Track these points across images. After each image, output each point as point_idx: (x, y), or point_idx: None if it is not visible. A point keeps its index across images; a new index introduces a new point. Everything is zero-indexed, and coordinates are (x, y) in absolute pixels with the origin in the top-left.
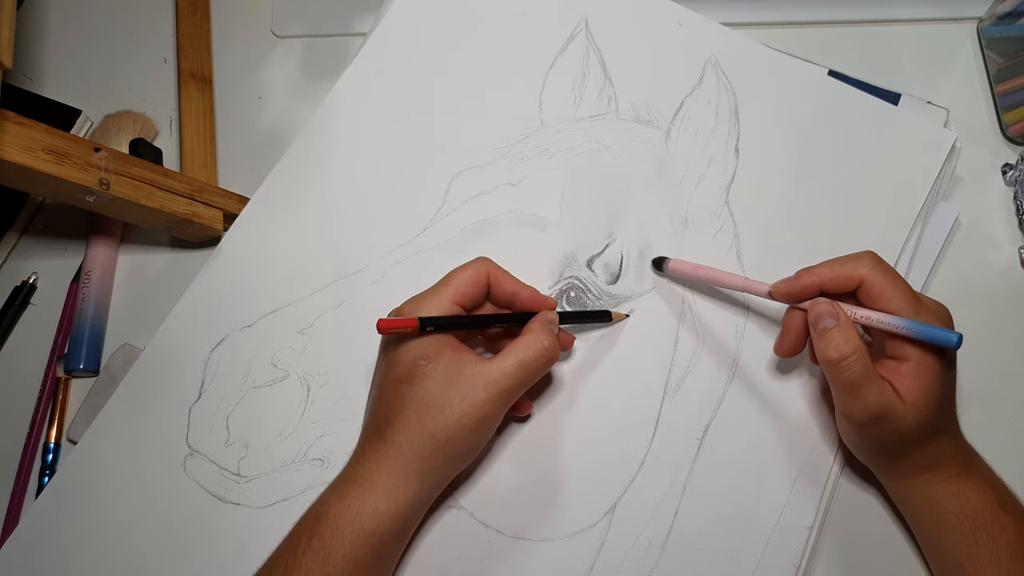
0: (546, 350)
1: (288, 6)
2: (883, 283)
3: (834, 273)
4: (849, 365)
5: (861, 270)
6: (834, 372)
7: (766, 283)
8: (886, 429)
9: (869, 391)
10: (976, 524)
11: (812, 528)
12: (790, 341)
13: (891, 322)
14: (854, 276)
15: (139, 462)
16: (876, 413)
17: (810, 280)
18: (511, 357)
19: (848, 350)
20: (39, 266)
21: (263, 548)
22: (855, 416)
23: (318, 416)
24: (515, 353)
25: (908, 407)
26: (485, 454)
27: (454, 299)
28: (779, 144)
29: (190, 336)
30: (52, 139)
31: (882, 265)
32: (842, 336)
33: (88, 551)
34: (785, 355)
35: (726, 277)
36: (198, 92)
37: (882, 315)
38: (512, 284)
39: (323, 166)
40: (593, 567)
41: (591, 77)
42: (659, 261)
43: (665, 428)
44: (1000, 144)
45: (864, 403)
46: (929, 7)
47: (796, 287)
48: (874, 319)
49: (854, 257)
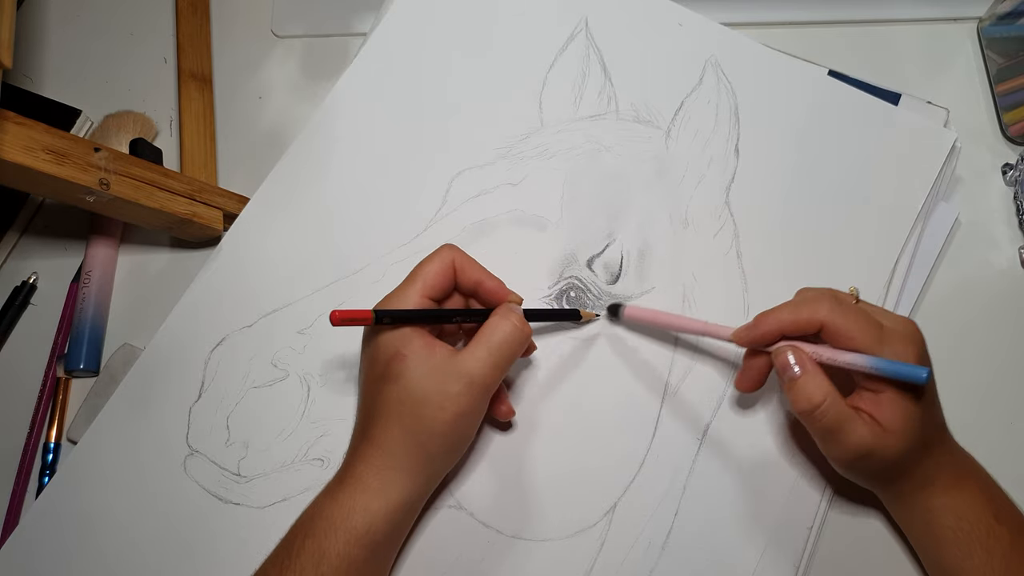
0: (515, 329)
1: (288, 6)
2: (844, 322)
3: (794, 318)
4: (824, 412)
5: (820, 314)
6: (809, 421)
7: (728, 327)
8: (874, 461)
9: (848, 433)
10: (971, 537)
11: (812, 528)
12: (750, 379)
13: (857, 362)
14: (814, 320)
15: (139, 462)
16: (859, 452)
17: (769, 328)
18: (480, 344)
19: (819, 398)
20: (39, 266)
21: (263, 548)
22: (839, 458)
23: (318, 416)
24: (483, 339)
25: (890, 436)
26: (485, 454)
27: (423, 293)
28: (779, 144)
29: (190, 336)
30: (52, 139)
31: (840, 304)
32: (811, 383)
33: (88, 551)
34: (746, 391)
35: (686, 322)
36: (198, 92)
37: (849, 355)
38: (477, 272)
39: (323, 166)
40: (593, 567)
41: (591, 77)
42: (615, 308)
43: (665, 428)
44: (1000, 144)
45: (845, 445)
46: (929, 7)
47: (756, 334)
48: (839, 360)
49: (813, 298)
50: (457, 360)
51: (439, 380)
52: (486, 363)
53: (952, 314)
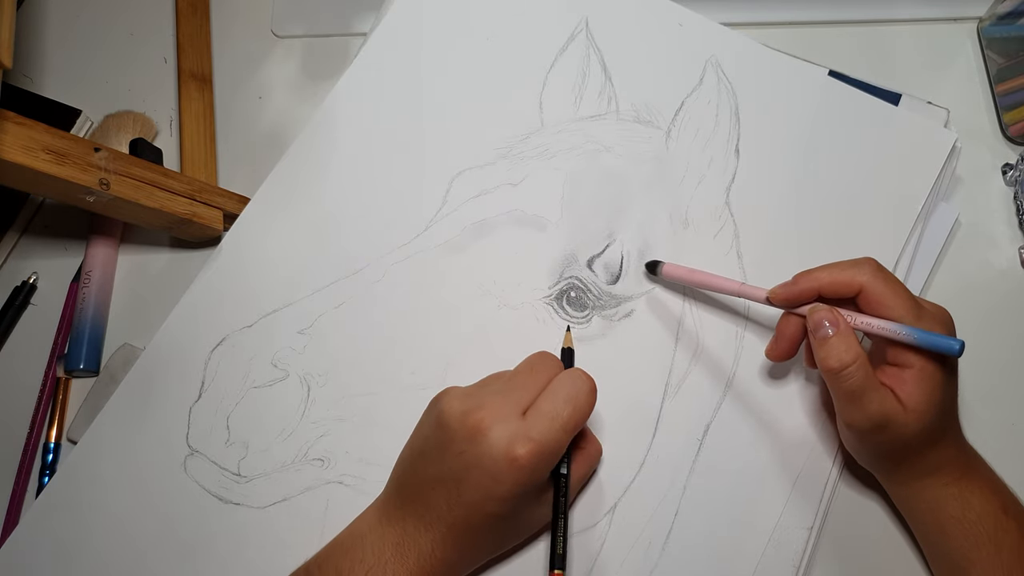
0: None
1: (288, 6)
2: (883, 290)
3: (833, 279)
4: (850, 374)
5: (861, 277)
6: (835, 381)
7: (763, 288)
8: (888, 436)
9: (871, 399)
10: (979, 529)
11: (812, 529)
12: (783, 347)
13: (893, 329)
14: (854, 283)
15: (139, 462)
16: (878, 421)
17: (808, 285)
18: (579, 476)
19: (849, 358)
20: (39, 266)
21: (263, 548)
22: (857, 424)
23: (318, 416)
24: (580, 471)
25: (910, 414)
26: None
27: None
28: (779, 144)
29: (190, 336)
30: (52, 139)
31: (882, 271)
32: (842, 344)
33: (88, 551)
34: (777, 359)
35: (722, 282)
36: (198, 92)
37: (883, 322)
38: None
39: (323, 166)
40: (593, 567)
41: (591, 77)
42: (653, 265)
43: (665, 428)
44: (1000, 144)
45: (866, 412)
46: (929, 7)
47: (794, 292)
48: (875, 326)
49: (854, 263)
50: None
51: None
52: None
53: (952, 314)
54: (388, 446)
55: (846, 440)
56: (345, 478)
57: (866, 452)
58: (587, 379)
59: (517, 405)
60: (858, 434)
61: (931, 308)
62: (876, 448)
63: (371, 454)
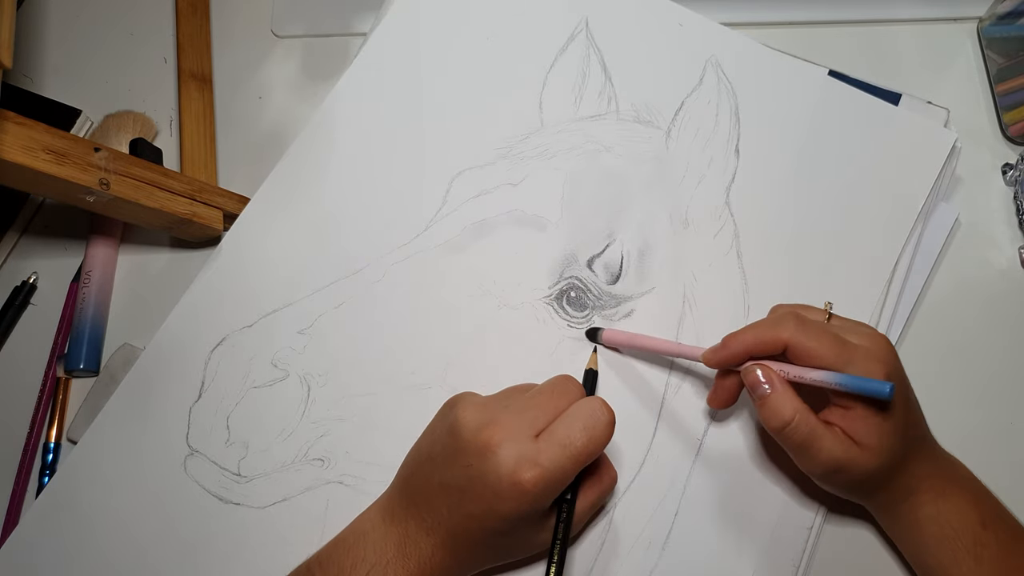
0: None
1: (288, 6)
2: (807, 342)
3: (758, 339)
4: (794, 429)
5: (784, 334)
6: (781, 438)
7: (699, 348)
8: (848, 476)
9: (820, 448)
10: (957, 546)
11: (812, 529)
12: (722, 398)
13: (823, 378)
14: (779, 340)
15: (139, 462)
16: (831, 467)
17: (736, 348)
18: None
19: (788, 415)
20: (39, 266)
21: (263, 548)
22: (813, 472)
23: (318, 416)
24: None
25: (864, 451)
26: None
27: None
28: (779, 144)
29: (190, 336)
30: (52, 139)
31: (803, 324)
32: (780, 401)
33: (88, 551)
34: (717, 408)
35: (660, 344)
36: (198, 92)
37: (814, 372)
38: None
39: (323, 166)
40: (593, 567)
41: (591, 77)
42: (592, 333)
43: (665, 428)
44: (1000, 144)
45: (818, 460)
46: (929, 7)
47: (725, 355)
48: (806, 377)
49: (776, 321)
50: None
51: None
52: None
53: (952, 314)
54: (388, 446)
55: (814, 480)
56: (345, 478)
57: (835, 489)
58: (607, 411)
59: (531, 427)
60: (818, 479)
61: (864, 343)
62: (842, 485)
63: (371, 454)
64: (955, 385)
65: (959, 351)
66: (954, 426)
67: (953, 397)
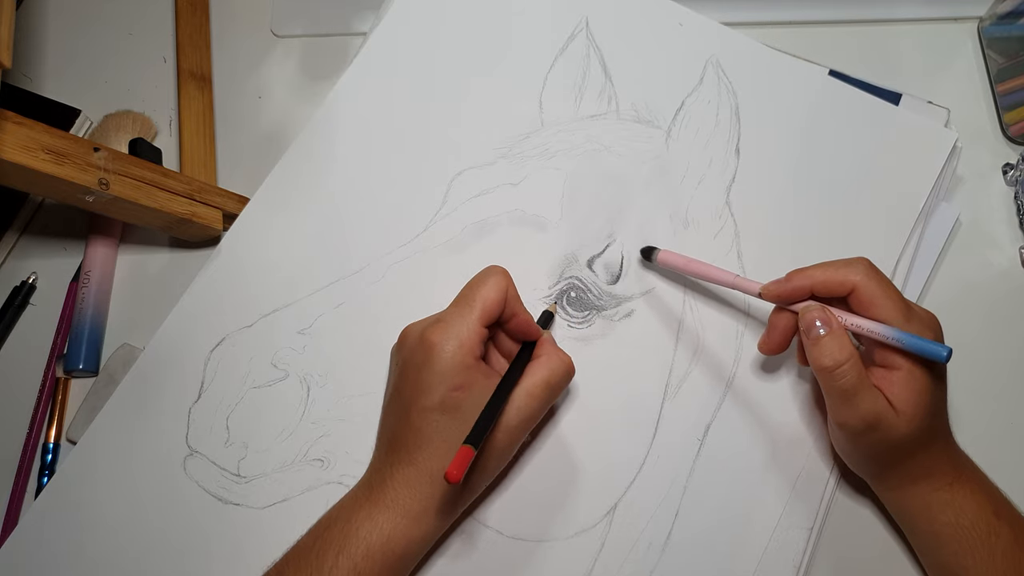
0: (568, 366)
1: (288, 6)
2: (875, 291)
3: (826, 277)
4: (843, 373)
5: (854, 276)
6: (828, 380)
7: (757, 282)
8: (879, 437)
9: (863, 399)
10: (972, 534)
11: (812, 529)
12: (775, 340)
13: (882, 332)
14: (847, 282)
15: (138, 462)
16: (870, 421)
17: (801, 283)
18: (537, 379)
19: (842, 357)
20: (39, 266)
21: (263, 548)
22: (849, 424)
23: (318, 416)
24: (539, 374)
25: (900, 416)
26: None
27: (482, 321)
28: (780, 144)
29: (190, 336)
30: (52, 139)
31: (876, 273)
32: (835, 343)
33: (88, 551)
34: (769, 353)
35: (717, 273)
36: (198, 92)
37: (873, 324)
38: (515, 305)
39: (323, 166)
40: (593, 568)
41: (591, 77)
42: (648, 251)
43: (665, 429)
44: (1000, 144)
45: (858, 411)
46: (930, 7)
47: (787, 289)
48: (865, 327)
49: (848, 262)
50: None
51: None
52: (541, 399)
53: (952, 314)
54: None
55: (837, 442)
56: (345, 478)
57: (857, 454)
58: (492, 268)
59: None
60: (849, 434)
61: (921, 313)
62: (867, 450)
63: (371, 454)
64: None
65: (959, 351)
66: (955, 424)
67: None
